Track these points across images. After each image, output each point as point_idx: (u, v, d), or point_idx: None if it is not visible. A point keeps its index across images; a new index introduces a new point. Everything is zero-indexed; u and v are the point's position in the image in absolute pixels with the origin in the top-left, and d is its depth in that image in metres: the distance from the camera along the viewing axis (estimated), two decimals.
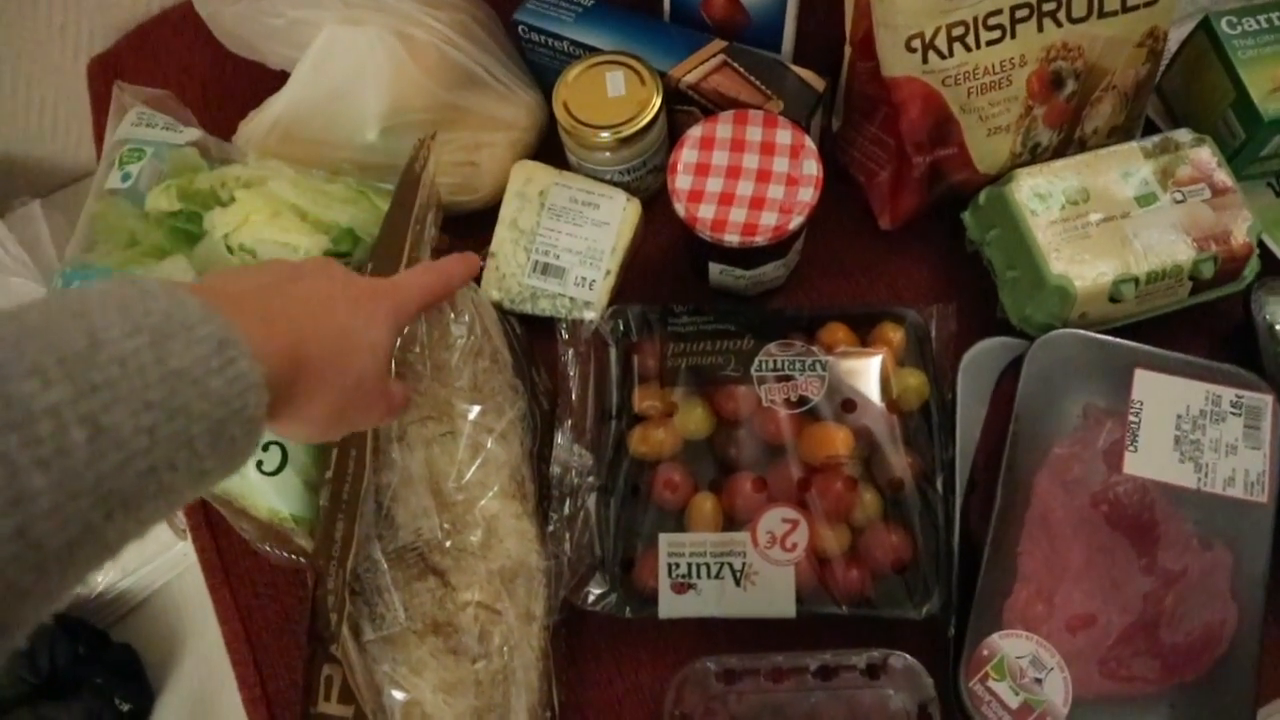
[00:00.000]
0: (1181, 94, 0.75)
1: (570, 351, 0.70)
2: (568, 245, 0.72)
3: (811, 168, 0.65)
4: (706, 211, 0.65)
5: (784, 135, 0.67)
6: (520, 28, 0.77)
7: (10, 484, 0.26)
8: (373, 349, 0.47)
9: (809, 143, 0.66)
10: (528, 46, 0.78)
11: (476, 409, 0.65)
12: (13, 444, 0.26)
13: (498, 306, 0.73)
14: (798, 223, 0.64)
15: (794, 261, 0.73)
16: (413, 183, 0.65)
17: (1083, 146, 0.72)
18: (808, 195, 0.65)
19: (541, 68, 0.79)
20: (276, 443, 0.64)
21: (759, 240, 0.64)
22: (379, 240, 0.65)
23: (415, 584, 0.61)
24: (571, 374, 0.69)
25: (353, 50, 0.73)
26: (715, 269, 0.70)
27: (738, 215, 0.65)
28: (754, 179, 0.66)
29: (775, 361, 0.65)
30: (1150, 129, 0.76)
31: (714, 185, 0.66)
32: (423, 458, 0.64)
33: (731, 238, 0.65)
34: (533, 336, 0.73)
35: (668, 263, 0.76)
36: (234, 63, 0.80)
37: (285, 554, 0.65)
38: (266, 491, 0.63)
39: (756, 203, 0.65)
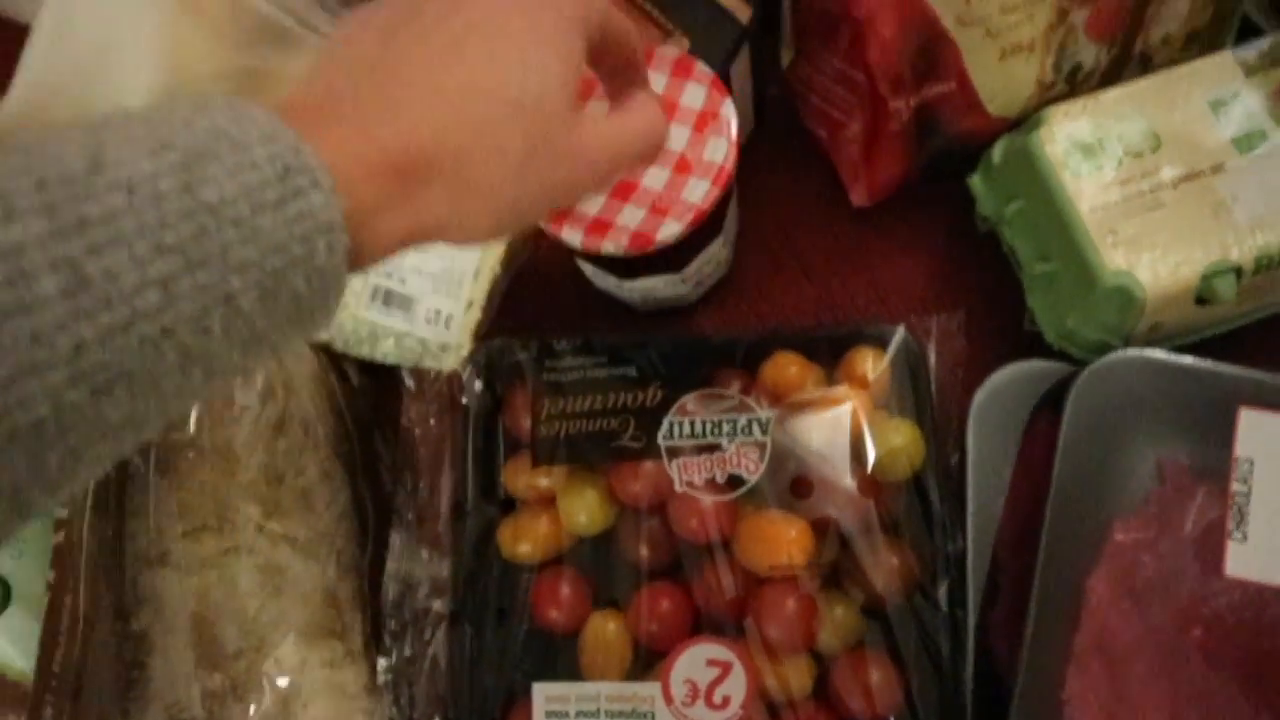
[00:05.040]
0: None
1: (417, 412, 0.50)
2: (417, 265, 0.51)
3: (719, 152, 0.43)
4: None
5: (694, 94, 0.45)
6: None
7: None
8: (543, 90, 0.30)
9: (728, 113, 0.44)
10: None
11: (273, 512, 0.46)
12: None
13: (327, 349, 0.53)
14: (671, 233, 0.43)
15: (710, 274, 0.51)
16: None
17: (1147, 65, 0.49)
18: (698, 194, 0.43)
19: None
20: None
21: (609, 248, 0.43)
22: None
23: None
24: (419, 446, 0.49)
25: (102, 5, 0.52)
26: (586, 267, 0.50)
27: (590, 203, 0.44)
28: None
29: (692, 424, 0.45)
30: (1249, 30, 0.52)
31: None
32: (193, 589, 0.44)
33: (572, 236, 0.44)
34: (381, 390, 0.53)
35: (573, 276, 0.54)
36: None
37: None
38: None
39: (623, 190, 0.43)
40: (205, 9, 0.53)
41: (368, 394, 0.53)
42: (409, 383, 0.50)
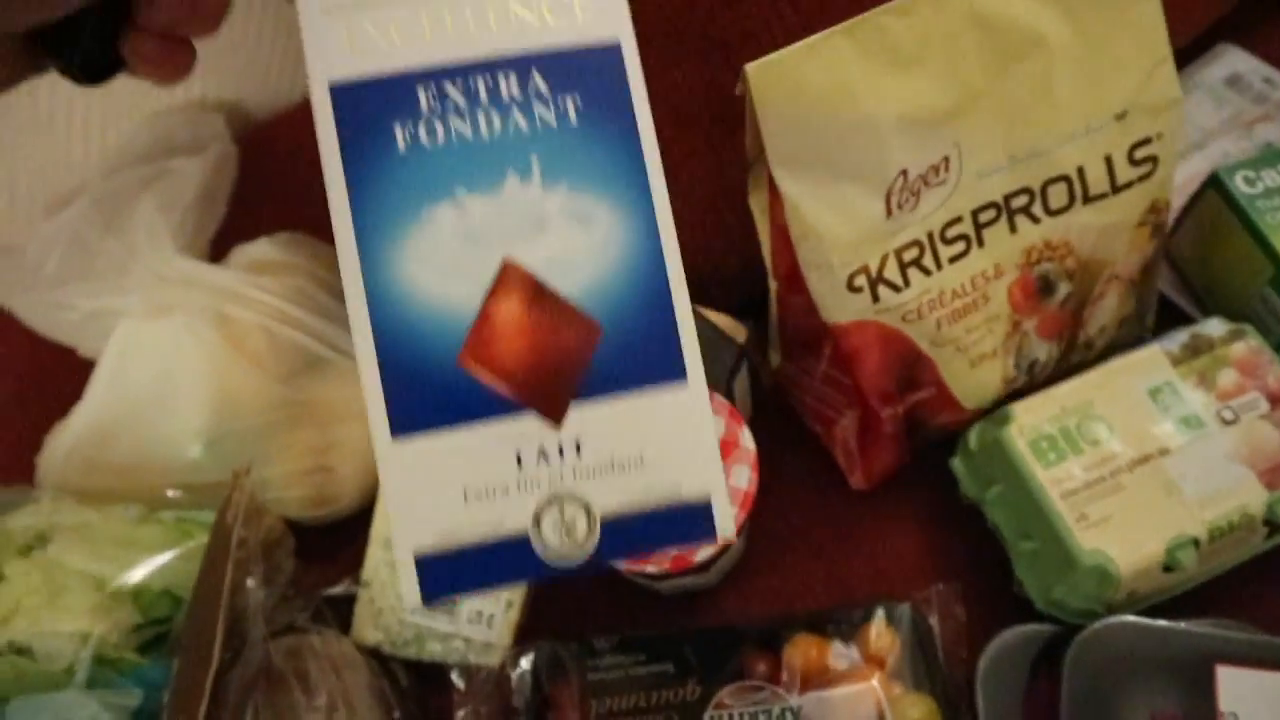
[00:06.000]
0: (1198, 263, 0.60)
1: (468, 710, 0.53)
2: None
3: (743, 478, 0.49)
4: None
5: (715, 425, 0.51)
6: None
7: None
8: None
9: (747, 440, 0.50)
10: None
11: None
12: None
13: (376, 653, 0.56)
14: (706, 555, 0.48)
15: (729, 563, 0.56)
16: (223, 542, 0.49)
17: (1090, 348, 0.57)
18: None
19: None
20: None
21: (651, 569, 0.48)
22: (186, 624, 0.49)
23: None
24: None
25: (157, 348, 0.58)
26: None
27: None
28: None
29: (731, 717, 0.49)
30: (1166, 307, 0.61)
31: None
32: None
33: (618, 563, 0.49)
34: (427, 689, 0.56)
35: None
36: (52, 351, 0.65)
37: None
38: None
39: None
40: (250, 348, 0.59)
41: (417, 694, 0.56)
42: (458, 682, 0.54)
